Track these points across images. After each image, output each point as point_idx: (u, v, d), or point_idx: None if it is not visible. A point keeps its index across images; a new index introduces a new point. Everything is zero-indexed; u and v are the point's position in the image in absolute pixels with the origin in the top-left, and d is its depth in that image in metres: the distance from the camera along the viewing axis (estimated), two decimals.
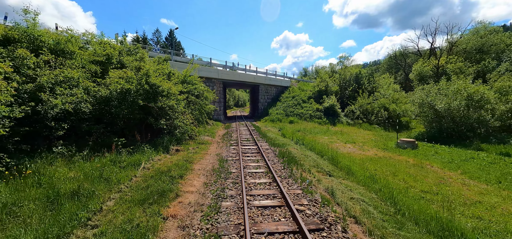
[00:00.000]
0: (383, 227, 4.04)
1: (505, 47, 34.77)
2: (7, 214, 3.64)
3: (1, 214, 3.60)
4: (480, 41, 37.84)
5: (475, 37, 38.27)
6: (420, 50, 44.97)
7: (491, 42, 36.61)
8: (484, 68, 32.53)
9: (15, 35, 6.40)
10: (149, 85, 8.27)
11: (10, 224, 3.47)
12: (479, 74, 30.75)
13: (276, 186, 5.43)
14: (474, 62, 35.20)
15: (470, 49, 38.24)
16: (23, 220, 3.59)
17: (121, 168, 5.93)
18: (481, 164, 9.65)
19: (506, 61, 32.28)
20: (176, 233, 3.70)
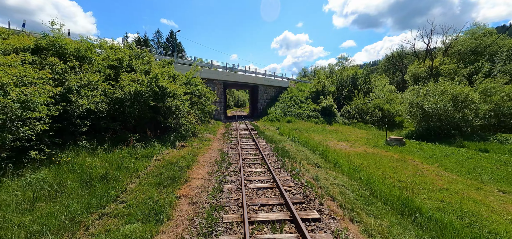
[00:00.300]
0: (354, 203, 5.00)
1: (498, 49, 35.69)
2: (55, 191, 4.61)
3: (51, 190, 4.57)
4: (475, 43, 38.71)
5: (469, 39, 39.11)
6: (416, 52, 45.90)
7: (485, 43, 37.49)
8: (477, 70, 33.39)
9: (43, 44, 7.37)
10: (158, 87, 9.25)
11: (59, 198, 4.44)
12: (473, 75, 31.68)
13: (270, 173, 6.39)
14: (469, 63, 36.09)
15: (464, 51, 39.12)
16: (68, 195, 4.56)
17: (136, 159, 6.91)
18: (459, 159, 10.61)
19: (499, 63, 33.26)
20: (188, 206, 4.67)
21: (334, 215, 4.25)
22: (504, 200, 6.33)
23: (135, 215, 4.19)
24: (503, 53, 34.25)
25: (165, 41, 71.78)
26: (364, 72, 32.41)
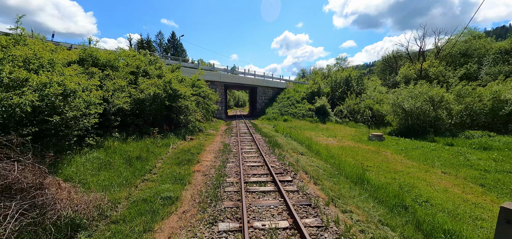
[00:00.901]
0: (321, 175, 6.91)
1: (485, 52, 37.58)
2: (109, 164, 6.53)
3: (105, 165, 6.49)
4: (465, 46, 40.44)
5: (459, 42, 40.79)
6: (409, 54, 47.76)
7: (474, 47, 39.31)
8: (466, 72, 35.19)
9: (84, 56, 9.30)
10: (172, 90, 11.16)
11: (112, 169, 6.36)
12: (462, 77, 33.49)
13: (261, 157, 8.30)
14: (459, 65, 37.91)
15: (455, 53, 40.93)
16: (117, 167, 6.48)
17: (158, 147, 8.84)
18: (425, 151, 12.51)
19: (486, 65, 35.13)
20: (201, 177, 6.58)
21: (303, 180, 6.16)
22: (442, 178, 8.23)
23: (165, 180, 6.12)
24: (489, 56, 36.16)
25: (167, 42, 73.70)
26: (357, 74, 34.29)
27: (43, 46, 7.57)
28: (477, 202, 6.20)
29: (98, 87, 7.99)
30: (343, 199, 5.23)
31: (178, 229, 3.90)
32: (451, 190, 7.09)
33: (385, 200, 5.66)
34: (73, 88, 6.19)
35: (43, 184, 3.98)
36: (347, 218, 4.26)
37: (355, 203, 5.14)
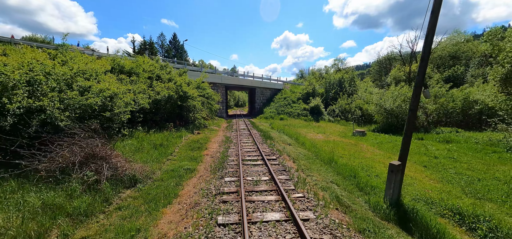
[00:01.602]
0: (300, 158, 9.14)
1: (472, 55, 39.77)
2: (140, 149, 8.76)
3: (138, 149, 8.71)
4: (454, 48, 42.48)
5: (449, 45, 42.83)
6: (402, 56, 49.94)
7: (462, 49, 41.46)
8: (453, 73, 37.27)
9: (113, 65, 11.53)
10: (182, 92, 13.41)
11: (144, 152, 8.59)
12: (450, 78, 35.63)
13: (256, 145, 10.54)
14: (448, 67, 40.03)
15: (444, 56, 43.04)
16: (147, 151, 8.70)
17: (173, 138, 11.08)
18: (396, 144, 14.69)
19: (472, 67, 37.32)
20: (210, 158, 8.82)
21: (284, 160, 8.40)
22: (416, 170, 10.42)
23: (184, 159, 8.36)
24: (475, 59, 38.40)
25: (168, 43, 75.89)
26: (350, 76, 36.48)
27: (88, 59, 9.81)
28: (412, 176, 8.43)
29: (128, 90, 10.23)
30: (310, 170, 7.47)
31: (198, 182, 6.14)
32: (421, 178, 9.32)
33: (343, 173, 7.88)
34: (115, 92, 8.43)
35: (111, 155, 6.22)
36: (307, 177, 6.50)
37: (318, 172, 7.38)
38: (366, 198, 5.79)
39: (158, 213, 4.58)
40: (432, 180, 8.07)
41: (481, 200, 6.49)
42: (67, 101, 6.34)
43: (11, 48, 11.13)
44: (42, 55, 8.81)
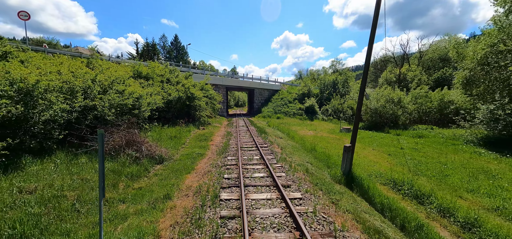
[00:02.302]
0: (286, 147, 11.38)
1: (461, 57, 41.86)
2: (159, 139, 11.01)
3: (158, 139, 10.95)
4: (444, 51, 44.50)
5: (440, 47, 44.82)
6: (395, 58, 52.15)
7: None
8: (442, 75, 39.34)
9: (133, 71, 13.77)
10: (190, 93, 15.64)
11: (163, 141, 10.83)
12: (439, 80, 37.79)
13: (252, 138, 12.78)
14: (437, 69, 42.14)
15: (435, 58, 45.18)
16: (165, 140, 10.94)
17: (184, 132, 13.32)
18: (375, 138, 16.92)
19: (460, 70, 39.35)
20: (215, 147, 11.07)
21: (274, 148, 10.65)
22: (369, 151, 12.66)
23: (194, 147, 10.61)
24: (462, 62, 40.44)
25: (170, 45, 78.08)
26: (343, 78, 38.72)
27: (116, 67, 12.05)
28: (376, 161, 10.67)
29: (149, 94, 12.48)
30: (292, 154, 9.72)
31: (208, 161, 8.38)
32: (368, 156, 11.57)
33: (319, 157, 10.11)
34: (141, 94, 10.68)
35: (144, 141, 8.46)
36: (288, 158, 8.74)
37: (298, 156, 9.63)
38: (329, 171, 8.03)
39: (182, 177, 6.81)
40: (390, 163, 10.31)
41: (418, 175, 8.72)
42: (110, 102, 8.59)
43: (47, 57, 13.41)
44: (76, 63, 11.06)
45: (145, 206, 4.95)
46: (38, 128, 6.39)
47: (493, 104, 12.84)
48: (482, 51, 14.38)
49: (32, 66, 8.78)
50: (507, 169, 9.10)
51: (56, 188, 5.00)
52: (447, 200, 6.08)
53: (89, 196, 4.96)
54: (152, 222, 4.25)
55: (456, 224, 5.27)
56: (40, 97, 6.50)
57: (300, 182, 6.08)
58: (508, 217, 5.54)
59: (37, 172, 5.53)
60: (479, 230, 4.87)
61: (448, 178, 8.26)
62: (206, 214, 4.30)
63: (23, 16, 13.51)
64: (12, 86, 6.25)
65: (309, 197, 5.15)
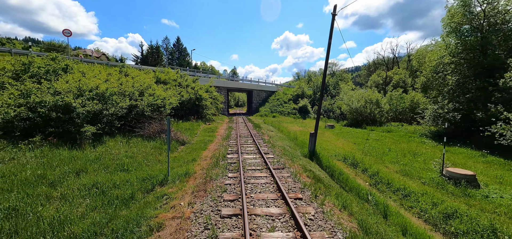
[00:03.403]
0: (274, 137, 14.90)
1: None
2: (178, 131, 14.53)
3: (177, 130, 14.47)
4: None
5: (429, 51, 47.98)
6: (385, 61, 55.56)
7: None
8: None
9: (154, 77, 17.28)
10: (198, 95, 19.13)
11: (181, 132, 14.35)
12: None
13: (249, 131, 16.29)
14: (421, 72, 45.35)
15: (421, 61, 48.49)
16: (182, 131, 14.46)
17: (195, 126, 16.85)
18: (351, 133, 20.39)
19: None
20: (220, 136, 14.60)
21: (264, 137, 14.16)
22: (340, 141, 16.15)
23: (204, 136, 14.14)
24: None
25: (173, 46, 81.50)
26: (334, 80, 42.22)
27: (145, 75, 15.55)
28: (342, 146, 14.17)
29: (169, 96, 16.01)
30: (277, 140, 13.23)
31: (216, 144, 11.89)
32: (337, 144, 15.08)
33: (298, 144, 13.59)
34: (165, 96, 14.20)
35: (171, 130, 11.98)
36: (273, 142, 12.25)
37: (282, 142, 13.14)
38: (301, 150, 11.54)
39: (200, 152, 10.29)
40: (351, 149, 13.81)
41: (367, 155, 12.22)
42: (147, 102, 12.11)
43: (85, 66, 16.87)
44: (111, 70, 14.56)
45: (182, 163, 8.44)
46: (107, 118, 9.90)
47: (437, 105, 16.35)
48: (434, 62, 17.92)
49: (90, 75, 12.29)
50: (429, 151, 12.63)
51: (129, 153, 8.51)
52: (369, 166, 9.60)
53: (146, 158, 8.47)
54: (188, 168, 7.74)
55: (367, 176, 8.79)
56: (109, 99, 10.03)
57: (276, 153, 9.60)
58: (401, 173, 9.06)
59: (113, 144, 9.03)
60: (376, 177, 8.39)
61: (385, 156, 11.78)
62: (220, 162, 7.82)
63: (66, 33, 16.98)
64: (91, 92, 9.79)
65: (279, 158, 8.66)
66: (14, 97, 8.31)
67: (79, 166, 6.57)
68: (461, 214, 5.52)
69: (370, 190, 7.09)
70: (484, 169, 9.52)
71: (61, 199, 4.96)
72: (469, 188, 7.13)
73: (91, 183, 5.72)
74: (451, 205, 5.95)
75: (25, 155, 6.71)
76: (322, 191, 5.57)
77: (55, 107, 8.29)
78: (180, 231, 3.92)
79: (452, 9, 16.71)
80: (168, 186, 6.17)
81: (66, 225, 4.07)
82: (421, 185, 7.86)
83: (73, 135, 8.40)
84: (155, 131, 11.11)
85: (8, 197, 4.59)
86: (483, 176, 8.44)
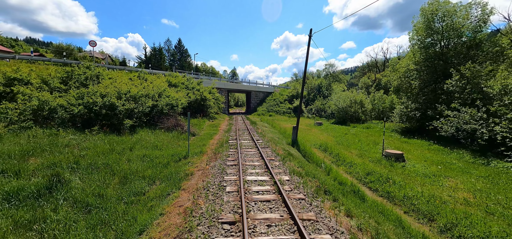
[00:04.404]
0: (266, 131, 18.10)
1: None
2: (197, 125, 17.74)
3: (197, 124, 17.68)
4: None
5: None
6: (377, 63, 58.70)
7: None
8: None
9: (167, 80, 20.45)
10: (203, 96, 22.30)
11: (191, 126, 17.54)
12: None
13: (246, 126, 19.48)
14: None
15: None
16: (191, 126, 17.65)
17: (201, 122, 20.05)
18: (336, 129, 23.54)
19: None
20: (222, 130, 17.78)
21: (258, 130, 17.36)
22: (323, 135, 19.32)
23: (210, 130, 17.34)
24: None
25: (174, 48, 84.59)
26: (326, 82, 45.40)
27: (159, 79, 18.73)
28: (323, 139, 17.36)
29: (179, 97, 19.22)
30: (268, 133, 16.42)
31: (219, 135, 15.08)
32: (319, 137, 18.27)
33: (286, 136, 16.75)
34: (177, 97, 17.39)
35: (183, 124, 15.16)
36: (265, 134, 15.43)
37: (272, 134, 16.33)
38: (286, 140, 14.71)
39: (208, 141, 13.45)
40: (330, 140, 16.99)
41: (339, 144, 15.39)
42: (165, 102, 15.29)
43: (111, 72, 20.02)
44: (131, 75, 17.72)
45: (196, 147, 11.60)
46: (137, 115, 13.07)
47: (403, 105, 19.56)
48: (403, 69, 21.14)
49: (118, 80, 15.44)
50: (389, 141, 15.83)
51: (157, 140, 11.68)
52: (336, 151, 12.78)
53: (169, 143, 11.65)
54: (201, 149, 10.89)
55: (332, 156, 11.99)
56: (139, 99, 13.22)
57: (265, 140, 12.79)
58: (358, 155, 12.25)
59: (144, 134, 12.18)
60: (337, 157, 11.58)
61: (353, 145, 14.96)
62: (224, 145, 11.01)
63: (92, 44, 20.10)
64: (126, 94, 12.97)
65: (266, 143, 11.84)
66: (75, 98, 11.49)
67: (129, 145, 9.74)
68: (377, 173, 8.70)
69: (325, 161, 10.27)
70: (421, 153, 12.72)
71: (127, 161, 8.12)
72: (396, 163, 10.32)
73: (141, 155, 8.89)
74: (375, 170, 9.14)
75: (92, 137, 9.89)
76: (289, 159, 8.76)
77: (104, 106, 11.47)
78: (204, 174, 7.09)
79: (417, 25, 19.93)
80: (189, 158, 9.34)
81: (137, 173, 7.23)
82: (367, 162, 11.05)
83: (117, 126, 11.59)
84: (172, 125, 14.29)
85: (100, 158, 7.76)
86: (413, 156, 11.65)
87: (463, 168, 9.84)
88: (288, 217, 4.31)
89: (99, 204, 5.19)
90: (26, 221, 4.26)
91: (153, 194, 5.96)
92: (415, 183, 8.08)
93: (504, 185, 7.78)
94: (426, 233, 5.12)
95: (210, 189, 5.79)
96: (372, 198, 7.02)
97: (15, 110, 9.68)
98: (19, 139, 8.07)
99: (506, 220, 5.67)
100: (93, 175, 6.52)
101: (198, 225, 4.04)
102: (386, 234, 4.26)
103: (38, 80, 13.42)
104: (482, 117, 12.10)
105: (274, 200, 5.08)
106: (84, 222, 4.54)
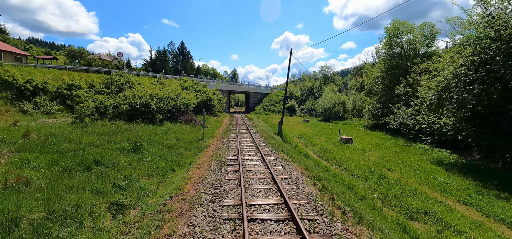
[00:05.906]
0: (260, 126, 22.83)
1: None
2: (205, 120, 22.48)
3: (200, 119, 22.42)
4: None
5: None
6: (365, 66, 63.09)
7: None
8: None
9: (179, 84, 25.18)
10: (209, 98, 27.02)
11: (206, 121, 22.29)
12: None
13: (245, 123, 24.22)
14: None
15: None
16: (206, 120, 22.40)
17: (208, 119, 24.81)
18: (319, 125, 28.19)
19: None
20: (225, 124, 22.53)
21: (253, 125, 22.11)
22: (307, 130, 24.01)
23: (215, 124, 22.10)
24: None
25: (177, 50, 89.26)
26: (318, 84, 50.09)
27: (174, 83, 23.50)
28: (304, 131, 22.07)
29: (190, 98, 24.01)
30: (261, 126, 21.16)
31: (223, 128, 19.83)
32: (301, 129, 22.99)
33: (275, 129, 21.44)
34: (189, 98, 22.15)
35: (196, 119, 19.91)
36: (258, 127, 20.17)
37: (264, 127, 21.06)
38: (274, 132, 19.43)
39: (215, 131, 18.15)
40: (308, 132, 21.70)
41: (315, 135, 20.10)
42: (182, 102, 20.04)
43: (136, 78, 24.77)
44: (152, 80, 22.45)
45: (208, 134, 16.33)
46: (163, 111, 17.79)
47: (370, 105, 24.28)
48: (372, 76, 25.87)
49: (145, 85, 20.17)
50: (356, 132, 20.56)
51: (179, 129, 16.40)
52: (309, 138, 17.49)
53: (187, 131, 16.40)
54: (212, 134, 15.58)
55: (304, 141, 16.74)
56: (165, 100, 17.99)
57: (258, 131, 17.52)
58: (325, 141, 16.99)
59: (170, 125, 16.89)
60: (308, 141, 16.31)
61: (324, 135, 19.69)
62: (227, 133, 15.76)
63: (119, 55, 24.74)
64: (155, 97, 17.73)
65: (258, 132, 16.57)
66: (122, 99, 16.24)
67: (164, 131, 14.47)
68: (328, 149, 13.39)
69: (295, 141, 14.96)
70: (370, 139, 17.41)
71: (168, 139, 12.84)
72: (346, 144, 15.03)
73: (174, 137, 13.61)
74: (328, 148, 13.84)
75: (138, 126, 14.60)
76: (270, 140, 13.50)
77: (142, 105, 16.20)
78: (216, 146, 11.80)
79: (384, 40, 24.65)
80: (204, 140, 14.04)
81: (176, 145, 11.96)
82: (327, 144, 15.75)
83: (151, 119, 16.34)
84: (188, 119, 19.05)
85: (152, 137, 12.48)
86: (362, 141, 16.35)
87: (389, 147, 14.58)
88: (260, 156, 9.04)
89: (165, 155, 9.93)
90: (134, 156, 9.00)
91: (189, 154, 10.70)
92: (348, 153, 12.81)
93: (402, 155, 12.50)
94: (331, 169, 9.83)
95: (221, 149, 10.52)
96: (315, 158, 11.75)
97: (88, 108, 14.45)
98: (96, 127, 12.82)
99: (380, 166, 10.35)
100: (153, 145, 11.25)
101: (216, 159, 8.76)
102: (308, 167, 8.95)
103: (86, 85, 18.20)
104: (412, 113, 16.82)
105: (254, 150, 9.85)
106: (161, 161, 9.27)
